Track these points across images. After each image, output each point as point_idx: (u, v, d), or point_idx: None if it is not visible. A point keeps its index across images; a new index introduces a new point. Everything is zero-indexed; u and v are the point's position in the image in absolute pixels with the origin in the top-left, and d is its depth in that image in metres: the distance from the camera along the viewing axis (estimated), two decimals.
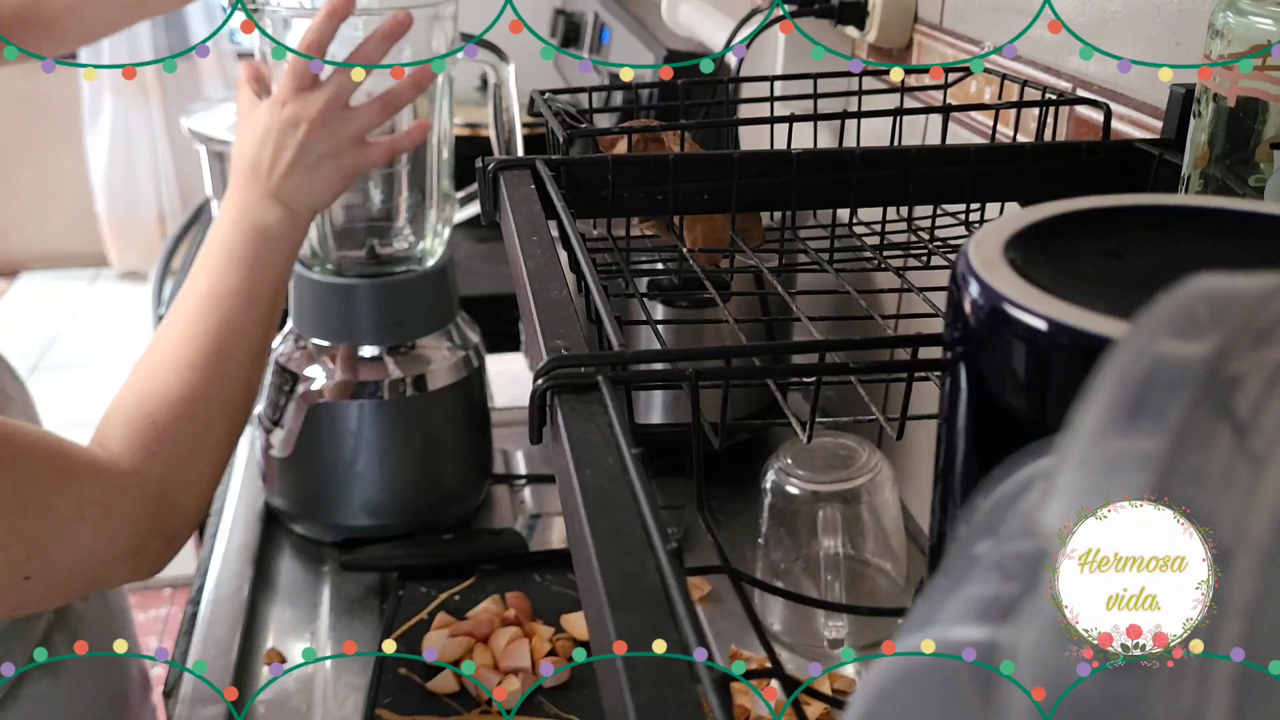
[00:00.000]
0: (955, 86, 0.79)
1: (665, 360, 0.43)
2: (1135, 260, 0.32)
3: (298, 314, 1.00)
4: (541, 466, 1.16)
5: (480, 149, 0.70)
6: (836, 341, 0.41)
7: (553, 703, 0.83)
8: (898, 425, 0.44)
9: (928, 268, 0.63)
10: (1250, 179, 0.45)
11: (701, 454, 0.39)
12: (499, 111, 0.98)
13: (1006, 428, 0.30)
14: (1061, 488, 0.19)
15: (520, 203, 0.54)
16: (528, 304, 0.44)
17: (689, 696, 0.25)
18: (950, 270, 0.32)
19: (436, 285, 1.00)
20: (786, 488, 0.84)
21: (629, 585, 0.28)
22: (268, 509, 1.07)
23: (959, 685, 0.19)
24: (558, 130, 0.62)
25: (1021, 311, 0.28)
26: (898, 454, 1.02)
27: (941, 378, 0.34)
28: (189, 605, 0.96)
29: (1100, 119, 0.64)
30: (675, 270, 0.65)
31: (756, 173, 0.59)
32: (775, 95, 0.71)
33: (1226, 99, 0.45)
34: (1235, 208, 0.35)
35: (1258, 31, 0.43)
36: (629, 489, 0.32)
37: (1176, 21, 0.64)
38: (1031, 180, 0.60)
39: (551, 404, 0.37)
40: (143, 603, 2.45)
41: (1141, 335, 0.20)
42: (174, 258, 1.84)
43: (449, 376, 1.00)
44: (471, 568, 0.98)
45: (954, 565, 0.22)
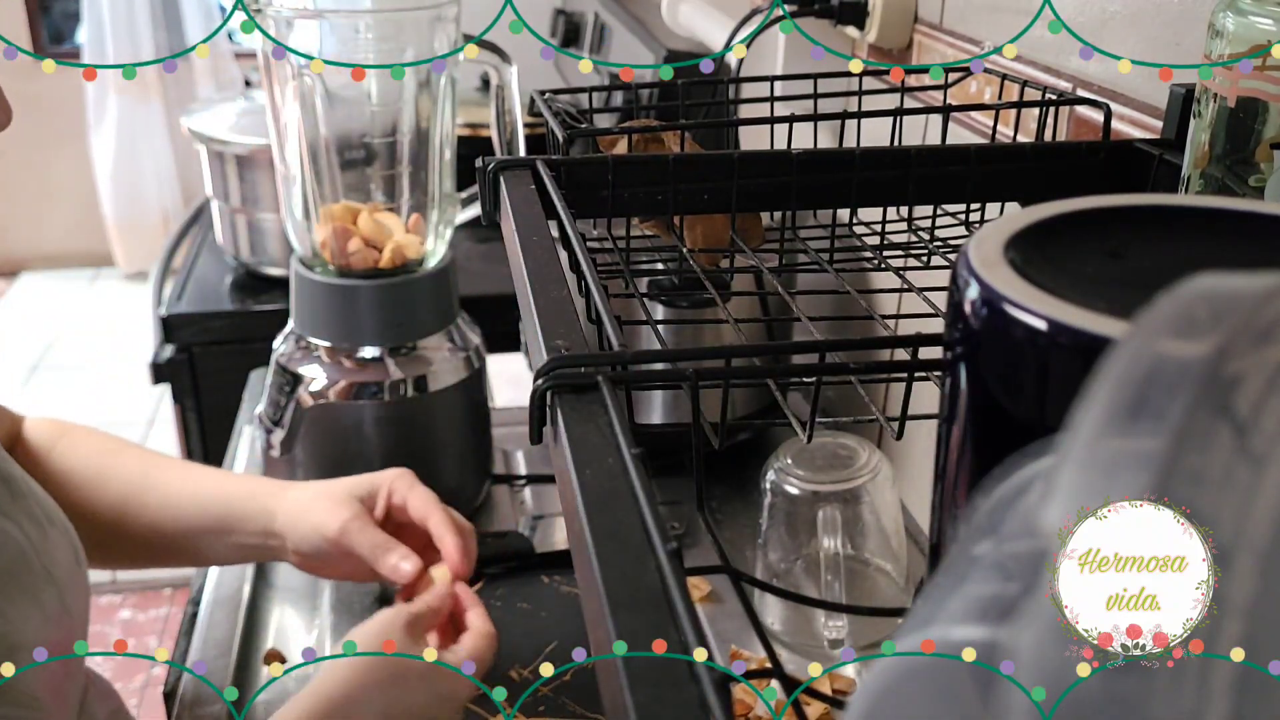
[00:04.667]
0: (955, 86, 0.79)
1: (665, 360, 0.43)
2: (1135, 260, 0.32)
3: (299, 314, 1.00)
4: (541, 466, 1.16)
5: (482, 149, 0.70)
6: (836, 341, 0.41)
7: (577, 703, 0.83)
8: (898, 425, 0.44)
9: (928, 268, 0.63)
10: (1250, 179, 0.45)
11: (701, 454, 0.39)
12: (501, 112, 0.98)
13: (1006, 428, 0.30)
14: (1061, 488, 0.19)
15: (520, 203, 0.54)
16: (528, 304, 0.44)
17: (689, 696, 0.25)
18: (950, 270, 0.32)
19: (438, 286, 1.00)
20: (786, 488, 0.84)
21: (629, 585, 0.28)
22: None
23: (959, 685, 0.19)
24: (558, 130, 0.62)
25: (1021, 311, 0.28)
26: (898, 454, 1.02)
27: (941, 378, 0.34)
28: (189, 605, 0.95)
29: (1100, 119, 0.64)
30: (675, 270, 0.65)
31: (756, 173, 0.59)
32: (775, 95, 0.71)
33: (1226, 99, 0.45)
34: (1235, 208, 0.35)
35: (1258, 31, 0.43)
36: (629, 489, 0.32)
37: (1176, 21, 0.64)
38: (1031, 180, 0.60)
39: (551, 404, 0.37)
40: (143, 603, 2.45)
41: (1141, 335, 0.20)
42: (174, 258, 1.84)
43: (450, 377, 1.00)
44: (478, 571, 0.98)
45: (954, 565, 0.22)
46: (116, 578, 2.48)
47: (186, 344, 1.59)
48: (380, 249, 0.97)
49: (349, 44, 0.87)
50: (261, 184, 1.58)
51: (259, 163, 1.56)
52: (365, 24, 0.90)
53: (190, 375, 1.61)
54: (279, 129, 0.97)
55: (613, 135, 0.66)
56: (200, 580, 0.98)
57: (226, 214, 1.64)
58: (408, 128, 0.97)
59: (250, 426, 1.22)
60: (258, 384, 1.35)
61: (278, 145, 0.98)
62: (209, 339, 1.60)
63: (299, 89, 0.93)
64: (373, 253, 0.97)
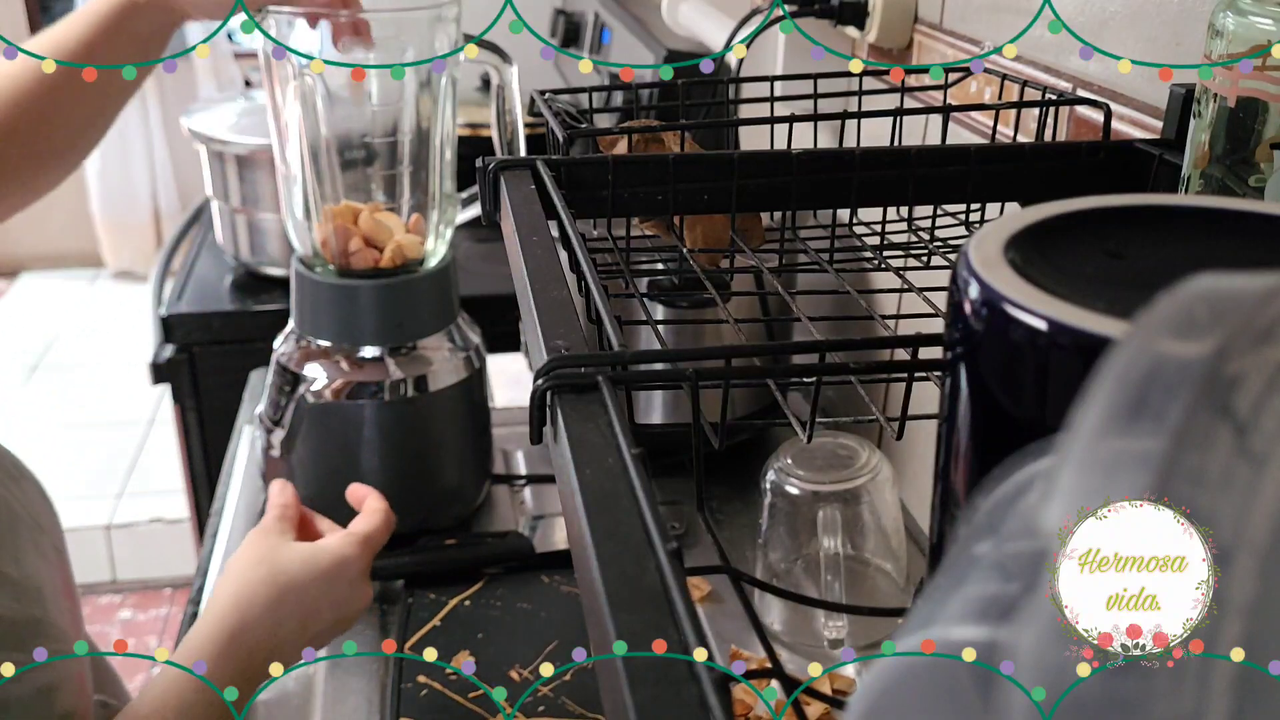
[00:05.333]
0: (955, 86, 0.79)
1: (665, 360, 0.43)
2: (1135, 260, 0.32)
3: (298, 314, 1.00)
4: (541, 466, 1.16)
5: (482, 149, 0.70)
6: (836, 341, 0.41)
7: (577, 703, 0.83)
8: (898, 425, 0.44)
9: (928, 268, 0.63)
10: (1250, 179, 0.45)
11: (701, 454, 0.39)
12: (502, 112, 0.98)
13: (1006, 428, 0.30)
14: (1061, 488, 0.19)
15: (521, 203, 0.54)
16: (528, 304, 0.44)
17: (689, 696, 0.25)
18: (950, 270, 0.32)
19: (438, 286, 1.00)
20: (786, 488, 0.84)
21: (629, 585, 0.28)
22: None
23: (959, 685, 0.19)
24: (558, 130, 0.62)
25: (1021, 311, 0.28)
26: (898, 454, 1.02)
27: (941, 378, 0.34)
28: (189, 605, 0.96)
29: (1100, 119, 0.64)
30: (675, 270, 0.65)
31: (756, 173, 0.59)
32: (775, 95, 0.71)
33: (1226, 99, 0.45)
34: (1235, 208, 0.35)
35: (1258, 31, 0.43)
36: (629, 489, 0.32)
37: (1176, 21, 0.64)
38: (1031, 180, 0.60)
39: (551, 404, 0.37)
40: (143, 603, 2.45)
41: (1141, 335, 0.20)
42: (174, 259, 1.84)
43: (450, 377, 1.00)
44: (478, 572, 0.98)
45: (954, 565, 0.22)
46: (116, 578, 2.48)
47: (186, 344, 1.60)
48: (381, 249, 0.97)
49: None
50: (261, 184, 1.58)
51: (259, 163, 1.56)
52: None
53: (190, 375, 1.61)
54: (279, 129, 0.97)
55: (613, 135, 0.66)
56: (200, 580, 0.98)
57: (226, 214, 1.64)
58: (408, 128, 0.97)
59: (250, 426, 1.22)
60: (258, 384, 1.35)
61: (278, 145, 0.98)
62: (209, 339, 1.60)
63: (299, 89, 0.93)
64: (373, 252, 0.97)
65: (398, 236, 0.97)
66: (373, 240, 0.97)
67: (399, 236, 0.97)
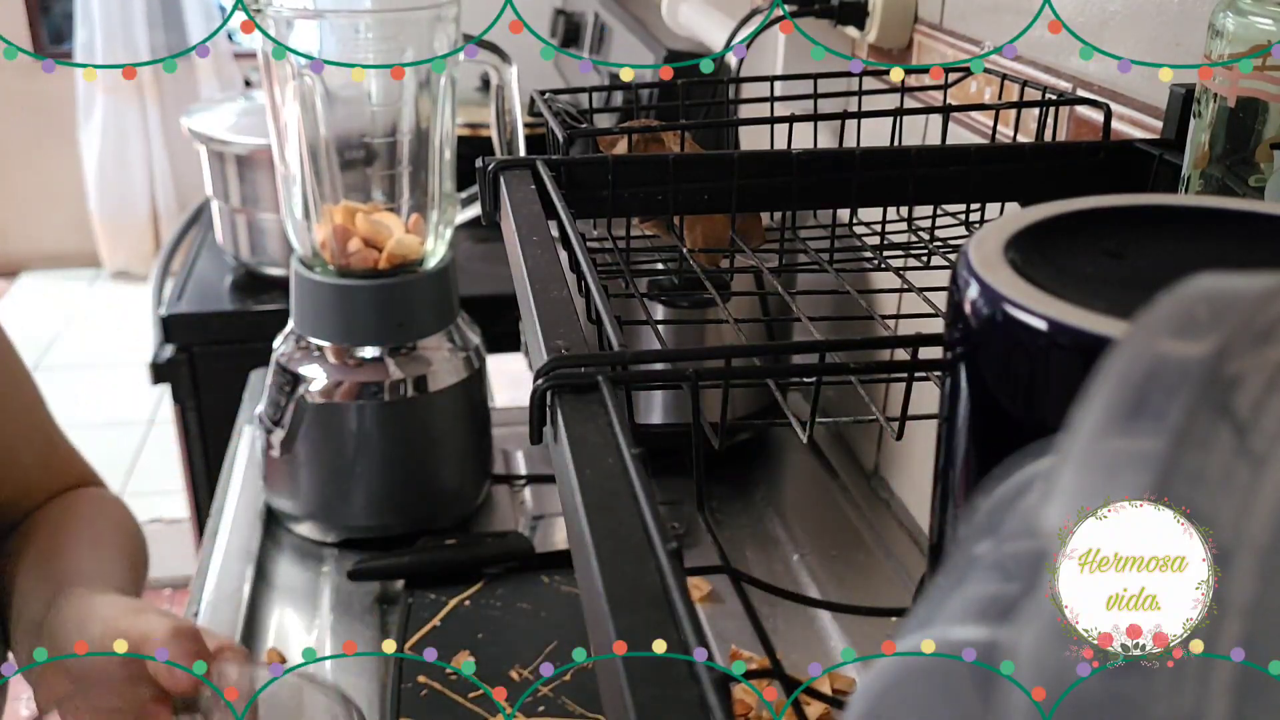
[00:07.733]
0: (955, 86, 0.79)
1: (665, 360, 0.43)
2: (1135, 260, 0.32)
3: (298, 314, 1.00)
4: (542, 466, 1.15)
5: (482, 149, 0.70)
6: (836, 341, 0.41)
7: (577, 703, 0.83)
8: (898, 425, 0.44)
9: (928, 268, 0.63)
10: (1250, 179, 0.45)
11: (701, 454, 0.39)
12: (501, 112, 0.98)
13: (1006, 428, 0.30)
14: (1061, 488, 0.19)
15: (520, 203, 0.54)
16: (528, 304, 0.44)
17: (689, 696, 0.25)
18: (950, 270, 0.32)
19: (437, 286, 1.00)
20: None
21: (629, 585, 0.28)
22: (268, 509, 1.06)
23: (959, 685, 0.19)
24: (558, 130, 0.62)
25: (1021, 311, 0.28)
26: (898, 454, 1.02)
27: (941, 378, 0.34)
28: (189, 605, 0.95)
29: (1100, 119, 0.64)
30: (675, 270, 0.65)
31: (756, 173, 0.59)
32: (775, 95, 0.71)
33: (1226, 99, 0.45)
34: (1235, 208, 0.35)
35: (1258, 31, 0.43)
36: (629, 489, 0.32)
37: (1176, 21, 0.64)
38: (1031, 180, 0.60)
39: (551, 404, 0.37)
40: None
41: (1141, 335, 0.20)
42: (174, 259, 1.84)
43: (450, 378, 1.00)
44: (478, 572, 0.98)
45: (954, 565, 0.22)
46: None
47: (186, 344, 1.59)
48: (380, 249, 0.97)
49: (349, 44, 0.87)
50: (261, 184, 1.58)
51: (259, 163, 1.56)
52: (365, 24, 0.90)
53: (190, 375, 1.61)
54: (279, 129, 0.97)
55: (613, 135, 0.66)
56: (200, 580, 0.98)
57: (226, 214, 1.64)
58: (408, 128, 0.97)
59: (250, 426, 1.22)
60: (258, 384, 1.35)
61: (278, 145, 0.98)
62: (209, 339, 1.60)
63: (299, 89, 0.93)
64: (373, 253, 0.97)
65: (397, 237, 0.97)
66: (372, 240, 0.97)
67: (398, 237, 0.97)
